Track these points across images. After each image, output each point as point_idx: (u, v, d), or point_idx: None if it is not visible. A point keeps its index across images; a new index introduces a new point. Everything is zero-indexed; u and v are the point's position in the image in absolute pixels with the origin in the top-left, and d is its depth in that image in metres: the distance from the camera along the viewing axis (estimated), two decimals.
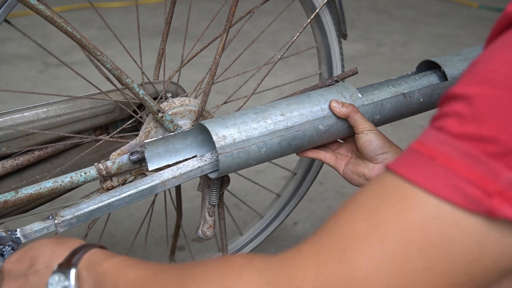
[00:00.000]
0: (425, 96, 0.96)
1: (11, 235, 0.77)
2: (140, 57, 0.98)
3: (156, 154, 0.87)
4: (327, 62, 1.09)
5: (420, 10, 3.83)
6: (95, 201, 0.81)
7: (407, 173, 0.44)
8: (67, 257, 0.61)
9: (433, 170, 0.43)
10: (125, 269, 0.58)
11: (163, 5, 3.36)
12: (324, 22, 1.04)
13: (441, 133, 0.44)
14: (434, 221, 0.42)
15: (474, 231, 0.42)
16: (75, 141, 0.94)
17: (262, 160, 0.86)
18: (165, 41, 0.99)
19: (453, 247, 0.42)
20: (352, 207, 0.47)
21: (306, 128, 0.86)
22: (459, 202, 0.41)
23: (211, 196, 0.96)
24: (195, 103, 0.94)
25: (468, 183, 0.41)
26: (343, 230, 0.46)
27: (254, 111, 0.85)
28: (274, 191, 1.29)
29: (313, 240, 0.48)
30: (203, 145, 0.89)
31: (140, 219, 1.51)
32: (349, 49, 2.85)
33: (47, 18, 0.76)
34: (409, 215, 0.43)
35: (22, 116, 0.87)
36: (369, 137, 0.86)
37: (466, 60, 0.99)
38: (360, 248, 0.44)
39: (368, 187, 0.48)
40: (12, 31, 2.89)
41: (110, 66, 0.83)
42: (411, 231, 0.42)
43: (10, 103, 2.19)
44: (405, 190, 0.44)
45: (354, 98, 0.90)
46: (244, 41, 1.25)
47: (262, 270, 0.48)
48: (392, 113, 0.95)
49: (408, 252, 0.42)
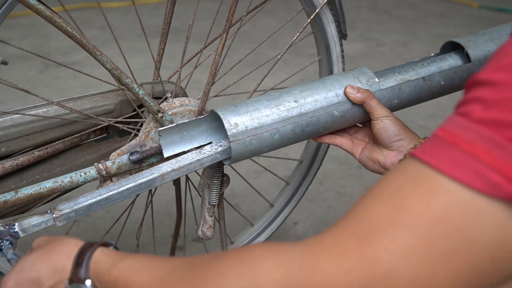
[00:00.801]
0: (447, 79, 0.93)
1: (9, 229, 0.76)
2: (152, 56, 0.98)
3: (171, 141, 0.86)
4: (327, 62, 1.09)
5: (420, 10, 3.83)
6: (93, 195, 0.81)
7: (430, 159, 0.45)
8: (72, 269, 0.58)
9: (456, 156, 0.43)
10: (137, 273, 0.56)
11: (163, 5, 3.36)
12: (324, 22, 1.04)
13: (464, 119, 0.44)
14: (457, 206, 0.42)
15: (496, 216, 0.42)
16: (74, 141, 0.94)
17: (275, 146, 0.85)
18: (165, 41, 0.99)
19: (476, 232, 0.42)
20: (375, 193, 0.47)
21: (320, 114, 0.85)
22: (481, 188, 0.42)
23: (211, 196, 0.96)
24: (195, 103, 0.94)
25: (490, 169, 0.42)
26: (365, 216, 0.46)
27: (267, 97, 0.84)
28: (274, 191, 1.29)
29: (335, 228, 0.47)
30: (218, 131, 0.88)
31: (140, 219, 1.51)
32: (349, 49, 2.85)
33: (47, 18, 0.76)
34: (432, 200, 0.43)
35: (22, 116, 0.87)
36: (384, 124, 0.84)
37: (491, 41, 0.95)
38: (383, 233, 0.44)
39: (391, 173, 0.48)
40: (12, 31, 2.89)
41: (109, 66, 0.83)
42: (434, 215, 0.43)
43: (10, 103, 2.19)
44: (427, 175, 0.44)
45: (371, 83, 0.88)
46: (244, 41, 1.25)
47: (283, 260, 0.48)
48: (411, 97, 0.92)
49: (431, 236, 0.42)
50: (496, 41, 0.95)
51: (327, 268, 0.45)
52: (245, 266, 0.48)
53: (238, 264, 0.49)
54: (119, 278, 0.56)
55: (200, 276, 0.51)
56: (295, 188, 1.23)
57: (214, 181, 0.95)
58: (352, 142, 0.91)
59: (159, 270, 0.55)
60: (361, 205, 0.48)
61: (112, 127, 0.98)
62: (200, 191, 0.97)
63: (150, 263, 0.56)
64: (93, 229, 1.47)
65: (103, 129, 0.98)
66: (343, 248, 0.45)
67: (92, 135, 0.97)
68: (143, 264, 0.56)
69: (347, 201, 1.60)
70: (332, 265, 0.45)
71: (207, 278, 0.50)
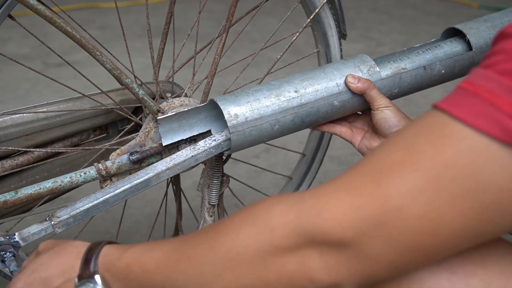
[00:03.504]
0: (447, 67, 0.92)
1: (10, 240, 0.77)
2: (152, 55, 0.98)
3: (170, 129, 0.85)
4: (327, 61, 1.09)
5: (420, 10, 3.83)
6: (90, 199, 0.81)
7: (450, 108, 0.46)
8: (81, 266, 0.59)
9: (475, 105, 0.44)
10: (148, 253, 0.56)
11: (163, 5, 3.36)
12: (324, 22, 1.04)
13: (488, 70, 0.45)
14: (469, 152, 0.44)
15: (508, 163, 0.43)
16: (74, 141, 0.94)
17: (274, 136, 0.85)
18: (165, 41, 0.99)
19: (486, 176, 0.43)
20: (392, 140, 0.49)
21: (321, 104, 0.84)
22: (495, 134, 0.43)
23: (210, 196, 0.96)
24: (194, 103, 0.94)
25: (508, 117, 0.43)
26: (379, 159, 0.48)
27: (267, 87, 0.83)
28: (274, 190, 1.29)
29: (349, 171, 0.49)
30: (217, 118, 0.87)
31: (140, 219, 1.51)
32: (349, 49, 2.85)
33: (47, 18, 0.76)
34: (444, 145, 0.45)
35: (22, 116, 0.87)
36: (384, 115, 0.84)
37: (493, 28, 0.94)
38: (395, 174, 0.45)
39: (411, 123, 0.49)
40: (12, 31, 2.89)
41: (109, 66, 0.83)
42: (445, 160, 0.44)
43: (10, 103, 2.19)
44: (444, 123, 0.45)
45: (372, 72, 0.87)
46: (244, 41, 1.25)
47: (293, 202, 0.49)
48: (411, 86, 0.92)
49: (441, 180, 0.44)
50: (498, 28, 0.94)
51: (338, 204, 0.46)
52: (256, 215, 0.50)
53: (249, 216, 0.51)
54: (131, 262, 0.56)
55: (212, 236, 0.52)
56: (298, 182, 1.22)
57: (214, 181, 0.95)
58: (351, 130, 0.91)
59: (170, 244, 0.55)
60: (377, 150, 0.49)
61: (112, 127, 0.98)
62: (200, 191, 0.97)
63: (158, 244, 0.57)
64: (92, 228, 1.47)
65: (102, 128, 0.98)
66: (355, 187, 0.47)
67: (92, 135, 0.97)
68: (151, 246, 0.57)
69: None
70: (343, 201, 0.46)
71: (220, 234, 0.51)
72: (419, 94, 1.02)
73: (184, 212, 1.22)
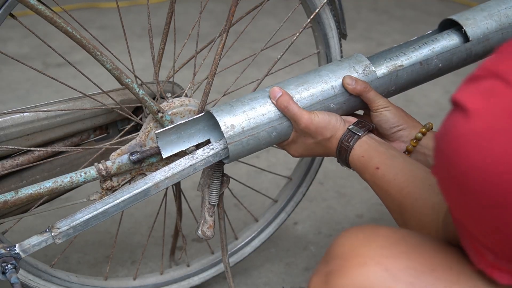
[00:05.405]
0: (444, 61, 0.92)
1: (10, 251, 0.77)
2: (154, 55, 0.98)
3: (169, 142, 0.86)
4: (327, 62, 1.09)
5: (420, 10, 3.83)
6: (90, 210, 0.81)
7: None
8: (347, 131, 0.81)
9: None
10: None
11: (163, 5, 3.36)
12: (325, 23, 1.04)
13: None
14: None
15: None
16: (74, 141, 0.94)
17: (272, 143, 0.85)
18: (165, 41, 0.99)
19: None
20: None
21: (317, 108, 0.84)
22: None
23: (211, 196, 0.96)
24: (195, 103, 0.94)
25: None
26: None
27: (262, 94, 0.83)
28: (274, 191, 1.29)
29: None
30: (216, 127, 0.87)
31: (140, 219, 1.51)
32: (349, 49, 2.85)
33: (47, 18, 0.76)
34: None
35: (22, 116, 0.87)
36: (383, 117, 0.84)
37: (490, 17, 0.92)
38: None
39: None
40: (12, 31, 2.89)
41: (110, 66, 0.83)
42: None
43: (10, 103, 2.19)
44: None
45: (367, 72, 0.87)
46: (244, 41, 1.25)
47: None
48: (408, 82, 0.91)
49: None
50: (495, 17, 0.93)
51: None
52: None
53: None
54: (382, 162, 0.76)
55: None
56: (298, 183, 1.22)
57: (214, 181, 0.95)
58: None
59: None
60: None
61: (112, 127, 0.98)
62: (200, 191, 0.98)
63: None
64: (92, 228, 1.46)
65: (103, 128, 0.98)
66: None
67: (92, 134, 0.97)
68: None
69: (347, 201, 1.60)
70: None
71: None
72: (419, 94, 1.02)
73: (184, 212, 1.22)
